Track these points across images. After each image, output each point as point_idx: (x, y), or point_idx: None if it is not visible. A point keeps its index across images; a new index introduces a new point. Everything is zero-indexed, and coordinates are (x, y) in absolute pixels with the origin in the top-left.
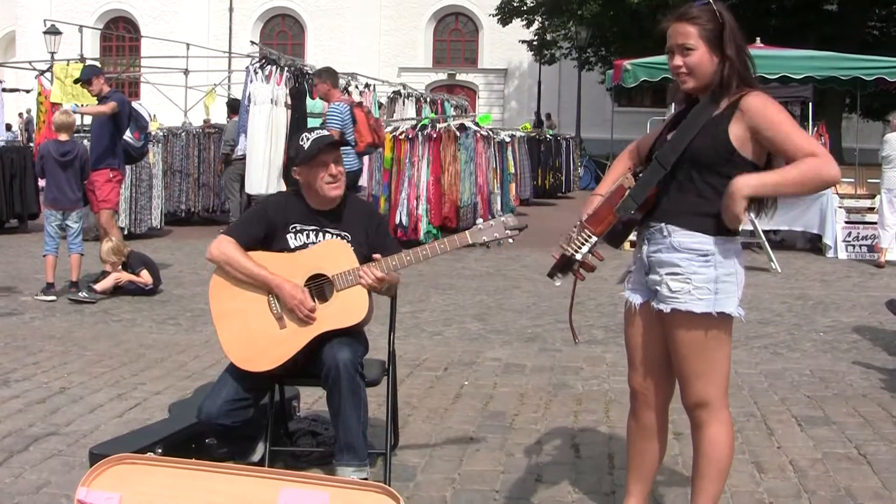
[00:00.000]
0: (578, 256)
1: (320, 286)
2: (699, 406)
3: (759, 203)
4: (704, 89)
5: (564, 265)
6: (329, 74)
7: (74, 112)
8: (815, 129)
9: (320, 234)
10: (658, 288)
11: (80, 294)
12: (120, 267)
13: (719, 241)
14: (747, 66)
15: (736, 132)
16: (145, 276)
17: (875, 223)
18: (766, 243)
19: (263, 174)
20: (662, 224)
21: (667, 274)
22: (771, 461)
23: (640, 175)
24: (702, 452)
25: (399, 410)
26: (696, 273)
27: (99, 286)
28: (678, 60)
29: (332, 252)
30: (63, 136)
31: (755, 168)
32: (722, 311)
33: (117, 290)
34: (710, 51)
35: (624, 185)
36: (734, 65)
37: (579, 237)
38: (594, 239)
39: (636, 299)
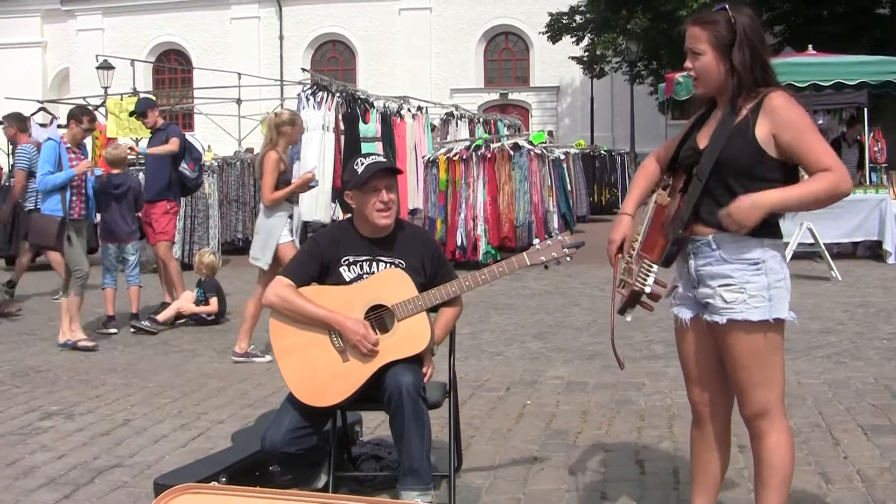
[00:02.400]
0: (648, 289)
1: (381, 317)
2: (759, 415)
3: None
4: (716, 94)
5: (634, 300)
6: (15, 119)
7: (143, 154)
8: (872, 134)
9: (374, 265)
10: (710, 301)
11: (143, 323)
12: (186, 294)
13: (766, 248)
14: (766, 69)
15: (762, 134)
16: (213, 305)
17: None
18: (826, 252)
19: (314, 200)
20: (709, 237)
21: (719, 286)
22: (837, 471)
23: (686, 191)
24: (764, 462)
25: (462, 432)
26: (749, 282)
27: (161, 316)
28: (688, 63)
29: (389, 281)
30: (115, 170)
31: (784, 166)
32: (777, 316)
33: (178, 319)
34: (719, 57)
35: (659, 202)
36: (743, 72)
37: (641, 269)
38: (655, 267)
39: (686, 314)
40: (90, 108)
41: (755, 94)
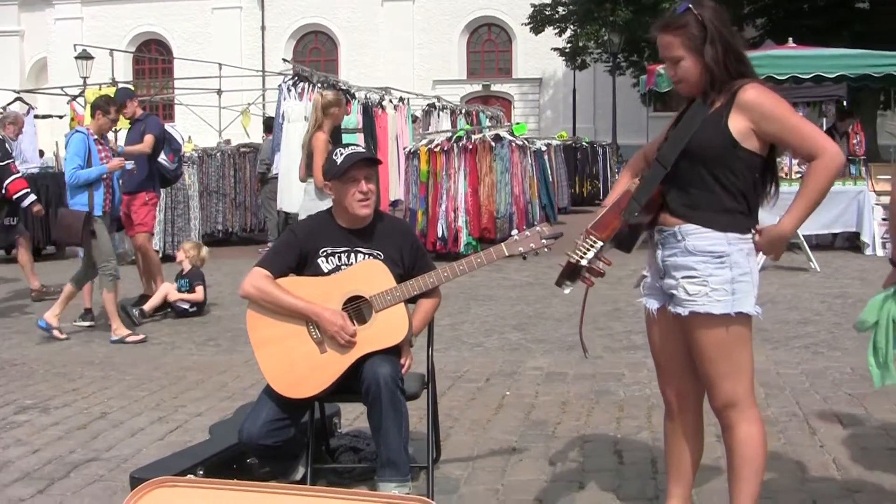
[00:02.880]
0: (584, 262)
1: (358, 308)
2: (728, 407)
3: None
4: (699, 93)
5: (571, 272)
6: None
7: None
8: (851, 126)
9: (352, 256)
10: (674, 292)
11: (130, 313)
12: (167, 284)
13: (733, 241)
14: (740, 61)
15: (736, 125)
16: (199, 293)
17: None
18: (805, 243)
19: (297, 191)
20: (675, 228)
21: (683, 278)
22: (814, 460)
23: (642, 177)
24: (735, 453)
25: (441, 423)
26: (713, 275)
27: (148, 306)
28: (670, 71)
29: (367, 273)
30: None
31: (759, 159)
32: (740, 310)
33: (158, 311)
34: (697, 57)
35: (630, 189)
36: (716, 67)
37: (584, 243)
38: (599, 244)
39: (653, 304)
40: (107, 96)
41: (729, 87)
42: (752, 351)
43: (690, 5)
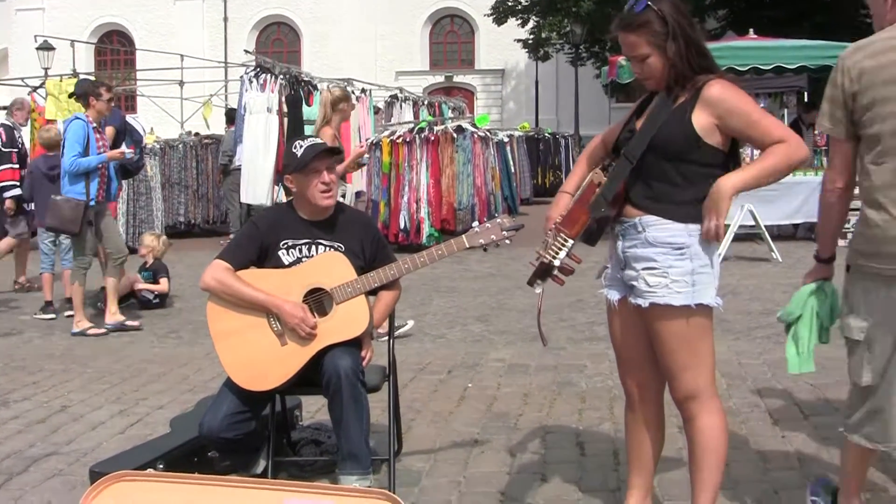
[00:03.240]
0: (557, 262)
1: (319, 300)
2: (689, 398)
3: None
4: (665, 83)
5: (544, 272)
6: None
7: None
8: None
9: (313, 248)
10: (635, 283)
11: (98, 305)
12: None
13: (693, 232)
14: (703, 55)
15: (700, 121)
16: (164, 284)
17: None
18: (767, 234)
19: (261, 183)
20: (636, 220)
21: (643, 269)
22: (775, 450)
23: (609, 170)
24: (697, 444)
25: (403, 415)
26: (673, 266)
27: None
28: (636, 69)
29: (328, 265)
30: (51, 152)
31: (721, 154)
32: (700, 302)
33: (122, 301)
34: (662, 53)
35: (594, 180)
36: (680, 62)
37: (555, 242)
38: (570, 242)
39: (614, 295)
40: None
41: (693, 81)
42: (714, 342)
43: (649, 2)
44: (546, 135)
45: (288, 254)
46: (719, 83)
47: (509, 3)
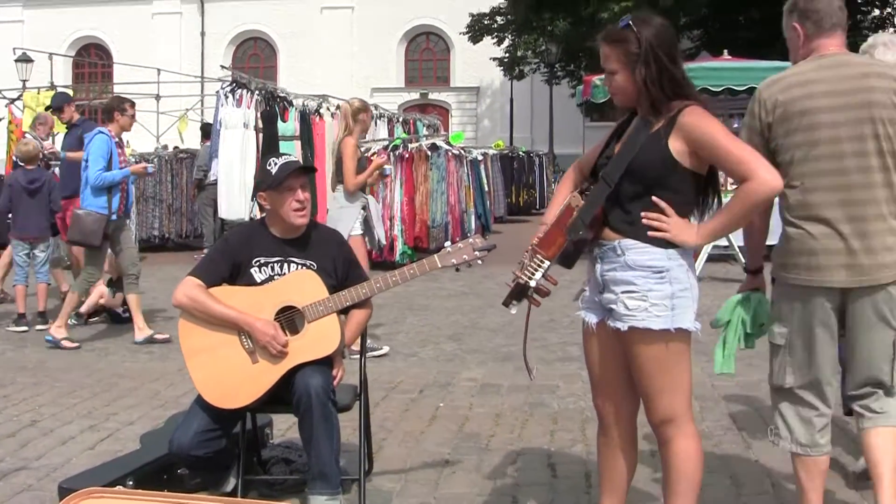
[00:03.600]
0: (533, 283)
1: (291, 318)
2: (665, 422)
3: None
4: (636, 106)
5: (519, 293)
6: None
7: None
8: None
9: (285, 266)
10: (613, 306)
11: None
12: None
13: (672, 256)
14: (675, 82)
15: (676, 146)
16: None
17: None
18: (740, 254)
19: (237, 199)
20: (615, 242)
21: (623, 292)
22: (748, 474)
23: (587, 193)
24: (671, 467)
25: (374, 434)
26: (652, 290)
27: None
28: (606, 81)
29: (300, 283)
30: (30, 166)
31: (699, 177)
32: (679, 326)
33: (92, 316)
34: (631, 73)
35: (571, 204)
36: (651, 87)
37: (532, 263)
38: (547, 263)
39: (592, 318)
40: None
41: (668, 108)
42: (691, 366)
43: (631, 21)
44: (520, 153)
45: (260, 271)
46: (693, 111)
47: (485, 22)
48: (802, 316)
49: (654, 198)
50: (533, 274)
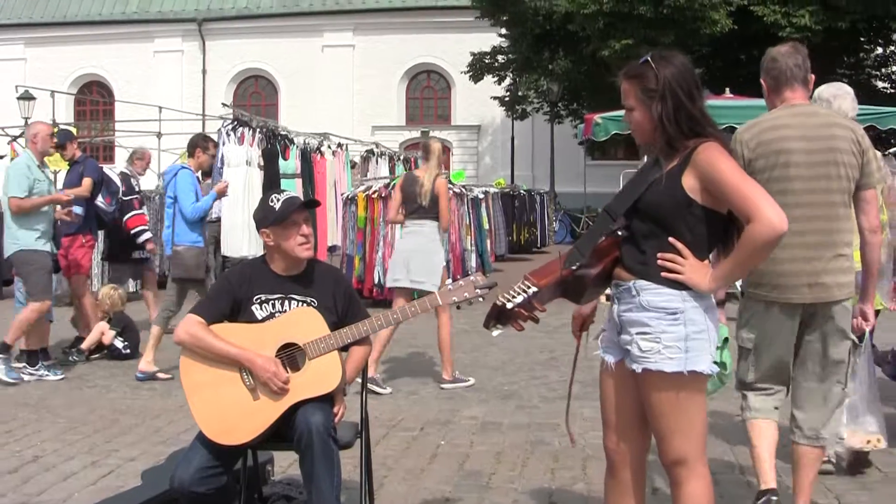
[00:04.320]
0: (509, 306)
1: (292, 355)
2: (677, 463)
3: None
4: (655, 143)
5: (499, 315)
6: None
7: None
8: None
9: (286, 303)
10: (629, 347)
11: (70, 358)
12: (103, 324)
13: (687, 298)
14: (693, 120)
15: (689, 183)
16: (107, 336)
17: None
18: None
19: (241, 236)
20: (630, 283)
21: (637, 333)
22: None
23: (620, 233)
24: None
25: (375, 472)
26: (665, 332)
27: (85, 344)
28: (626, 118)
29: (301, 320)
30: None
31: (716, 215)
32: (693, 369)
33: (93, 353)
34: (647, 110)
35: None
36: (668, 125)
37: (517, 287)
38: (532, 290)
39: (610, 358)
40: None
41: (685, 146)
42: (706, 408)
43: (650, 58)
44: (521, 191)
45: (261, 308)
46: (708, 148)
47: (486, 61)
48: (768, 327)
49: (670, 239)
50: (513, 297)
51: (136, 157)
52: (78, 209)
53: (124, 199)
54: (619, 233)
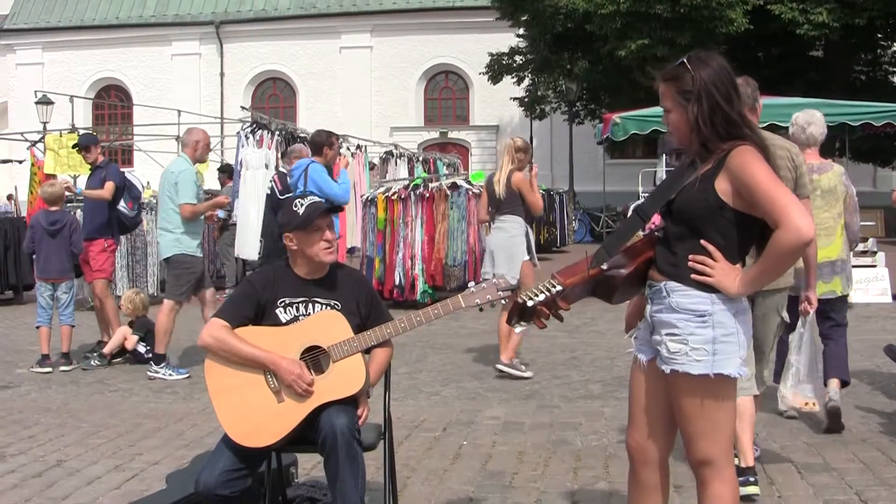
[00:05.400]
0: (530, 304)
1: (316, 358)
2: (703, 464)
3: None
4: (690, 144)
5: (520, 311)
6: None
7: (79, 193)
8: None
9: (309, 306)
10: (660, 348)
11: (91, 362)
12: (124, 328)
13: (717, 301)
14: (730, 122)
15: (722, 187)
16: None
17: (869, 266)
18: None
19: (255, 238)
20: (661, 284)
21: (666, 335)
22: None
23: (657, 234)
24: None
25: (398, 473)
26: (693, 334)
27: (107, 349)
28: (664, 119)
29: (325, 323)
30: (52, 207)
31: (750, 220)
32: (720, 372)
33: (115, 357)
34: (684, 111)
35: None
36: (703, 127)
37: (542, 285)
38: (557, 289)
39: (643, 357)
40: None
41: (720, 148)
42: (734, 411)
43: (686, 59)
44: (541, 191)
45: (285, 312)
46: (742, 152)
47: (504, 62)
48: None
49: (702, 241)
50: (536, 295)
51: (293, 156)
52: (221, 213)
53: (280, 197)
54: (656, 233)
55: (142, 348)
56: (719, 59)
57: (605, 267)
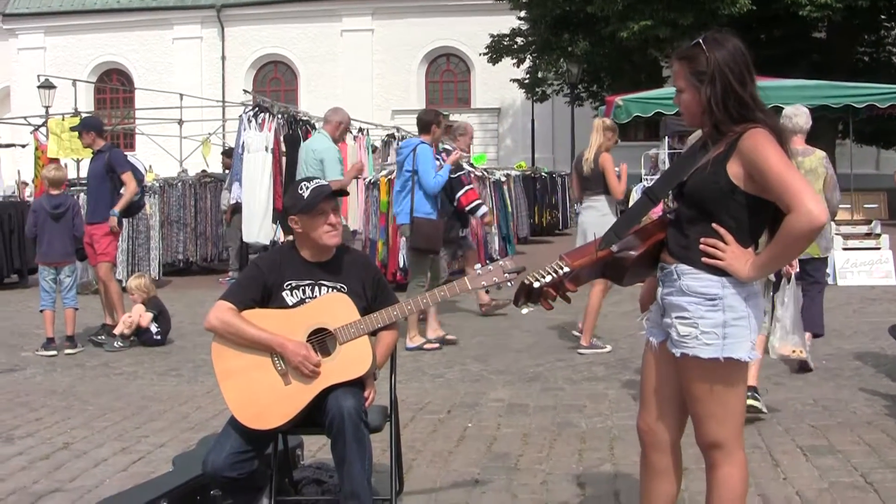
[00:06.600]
0: (536, 285)
1: (322, 340)
2: (713, 447)
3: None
4: (702, 126)
5: (527, 293)
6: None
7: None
8: None
9: (316, 289)
10: (670, 331)
11: (115, 343)
12: (139, 307)
13: (727, 284)
14: (743, 104)
15: (734, 170)
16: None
17: (872, 248)
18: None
19: (262, 222)
20: (672, 267)
21: (676, 318)
22: (777, 493)
23: (669, 215)
24: (714, 493)
25: (403, 455)
26: (703, 318)
27: (126, 329)
28: (676, 99)
29: (332, 306)
30: (55, 191)
31: (762, 203)
32: (729, 356)
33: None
34: (697, 92)
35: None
36: (716, 108)
37: (550, 267)
38: (564, 270)
39: (654, 339)
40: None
41: (732, 131)
42: (744, 394)
43: (702, 40)
44: (543, 174)
45: (291, 294)
46: (754, 134)
47: (504, 43)
48: None
49: (714, 224)
50: (542, 276)
51: (458, 133)
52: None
53: (452, 176)
54: (668, 215)
55: (153, 328)
56: (735, 41)
57: (614, 249)
